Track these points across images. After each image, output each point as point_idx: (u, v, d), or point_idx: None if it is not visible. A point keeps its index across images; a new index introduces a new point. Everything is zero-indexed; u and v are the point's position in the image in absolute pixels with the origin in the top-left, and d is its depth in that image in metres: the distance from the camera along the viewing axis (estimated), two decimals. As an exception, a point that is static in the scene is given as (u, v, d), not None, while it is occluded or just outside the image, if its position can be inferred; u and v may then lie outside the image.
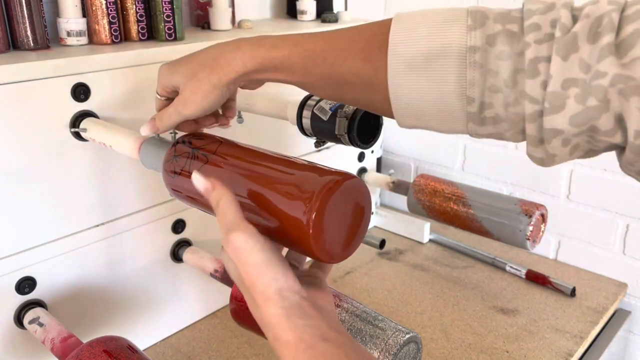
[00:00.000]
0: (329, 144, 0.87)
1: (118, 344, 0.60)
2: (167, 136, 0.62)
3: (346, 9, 1.29)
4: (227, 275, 0.79)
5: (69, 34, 0.77)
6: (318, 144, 0.77)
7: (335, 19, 1.10)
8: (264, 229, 0.46)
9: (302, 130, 0.75)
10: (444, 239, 1.21)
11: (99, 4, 0.77)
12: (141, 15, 0.82)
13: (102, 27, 0.78)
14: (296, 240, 0.44)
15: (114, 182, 0.78)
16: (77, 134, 0.71)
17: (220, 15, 0.96)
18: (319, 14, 1.14)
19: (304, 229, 0.42)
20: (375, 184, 1.19)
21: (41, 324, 0.68)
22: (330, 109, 0.71)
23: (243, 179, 0.48)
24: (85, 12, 0.78)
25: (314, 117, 0.73)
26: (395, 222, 1.25)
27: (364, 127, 0.71)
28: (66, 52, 0.73)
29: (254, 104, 0.83)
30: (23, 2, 0.71)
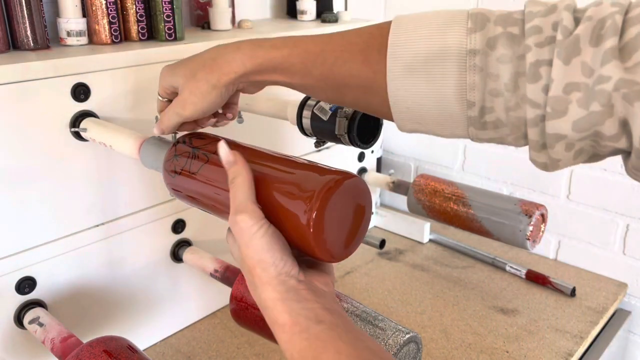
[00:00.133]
0: (329, 144, 0.87)
1: (118, 344, 0.60)
2: (167, 135, 0.62)
3: (346, 9, 1.29)
4: (227, 275, 0.79)
5: (69, 34, 0.77)
6: (318, 144, 0.77)
7: (335, 19, 1.10)
8: None
9: (302, 130, 0.75)
10: (444, 239, 1.21)
11: (99, 4, 0.77)
12: (141, 15, 0.82)
13: (102, 27, 0.78)
14: (297, 239, 0.44)
15: (114, 182, 0.78)
16: (77, 134, 0.71)
17: (220, 15, 0.96)
18: (319, 14, 1.14)
19: (304, 228, 0.42)
20: (375, 184, 1.19)
21: (41, 324, 0.68)
22: (330, 109, 0.71)
23: None
24: (85, 12, 0.78)
25: (314, 117, 0.73)
26: (395, 222, 1.25)
27: (364, 127, 0.71)
28: (66, 52, 0.73)
29: (254, 104, 0.83)
30: (23, 2, 0.71)
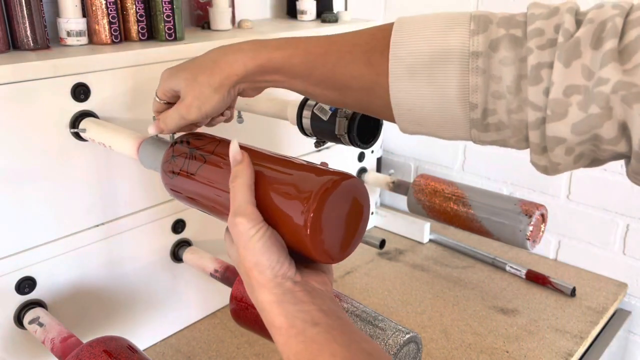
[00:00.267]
0: (329, 144, 0.87)
1: (118, 344, 0.60)
2: (166, 136, 0.62)
3: (346, 9, 1.29)
4: (227, 275, 0.79)
5: (69, 34, 0.77)
6: (318, 144, 0.77)
7: (335, 19, 1.10)
8: None
9: (302, 130, 0.75)
10: (444, 239, 1.21)
11: (99, 4, 0.77)
12: (141, 15, 0.82)
13: (102, 27, 0.78)
14: (294, 240, 0.44)
15: (114, 182, 0.78)
16: (77, 134, 0.71)
17: (220, 15, 0.96)
18: (319, 14, 1.14)
19: (301, 229, 0.42)
20: (375, 184, 1.19)
21: (41, 324, 0.68)
22: (330, 109, 0.71)
23: None
24: (85, 12, 0.78)
25: (314, 117, 0.73)
26: (395, 222, 1.25)
27: (364, 127, 0.71)
28: (66, 52, 0.73)
29: (254, 104, 0.83)
30: (23, 2, 0.71)
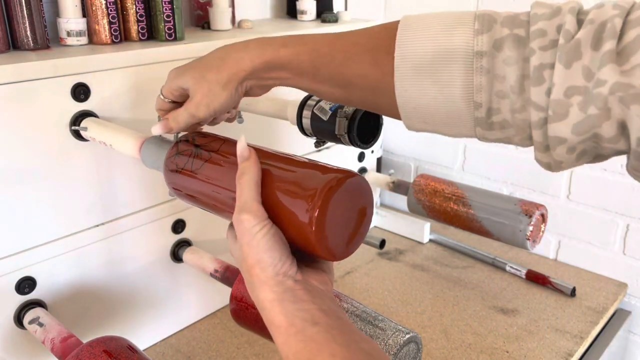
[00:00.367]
0: (329, 144, 0.87)
1: (118, 344, 0.60)
2: (169, 135, 0.62)
3: (346, 9, 1.29)
4: (227, 275, 0.79)
5: (69, 34, 0.77)
6: (318, 144, 0.77)
7: (335, 19, 1.10)
8: None
9: (302, 130, 0.75)
10: (444, 239, 1.21)
11: (99, 4, 0.77)
12: (141, 15, 0.82)
13: (102, 27, 0.78)
14: (298, 237, 0.44)
15: (114, 182, 0.78)
16: (77, 133, 0.71)
17: (220, 15, 0.96)
18: (319, 14, 1.14)
19: (306, 226, 0.42)
20: (375, 184, 1.19)
21: (41, 324, 0.68)
22: (330, 109, 0.71)
23: None
24: (85, 12, 0.78)
25: (314, 117, 0.73)
26: (395, 222, 1.25)
27: (364, 127, 0.71)
28: (66, 52, 0.73)
29: (254, 104, 0.83)
30: (23, 2, 0.71)
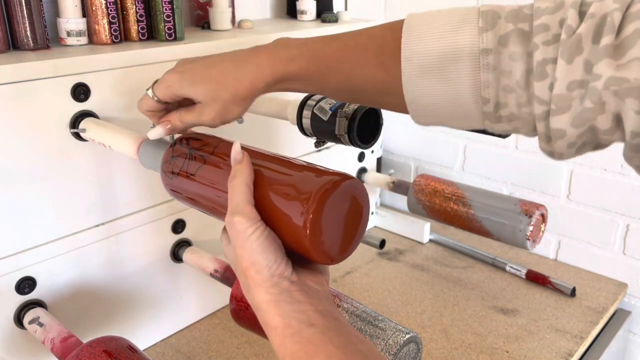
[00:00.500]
0: (329, 144, 0.87)
1: (118, 344, 0.60)
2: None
3: (346, 9, 1.29)
4: (227, 275, 0.79)
5: (69, 34, 0.77)
6: (318, 144, 0.77)
7: (335, 19, 1.10)
8: None
9: (302, 130, 0.75)
10: (444, 239, 1.21)
11: (99, 4, 0.77)
12: (141, 15, 0.82)
13: (102, 27, 0.78)
14: (293, 241, 0.43)
15: (114, 182, 0.78)
16: (76, 134, 0.71)
17: (220, 15, 0.96)
18: (319, 14, 1.14)
19: (301, 230, 0.42)
20: (375, 184, 1.19)
21: (41, 324, 0.68)
22: (330, 109, 0.71)
23: None
24: (85, 12, 0.78)
25: (314, 117, 0.73)
26: (395, 222, 1.25)
27: (364, 127, 0.71)
28: (66, 52, 0.73)
29: (254, 104, 0.83)
30: (23, 2, 0.71)
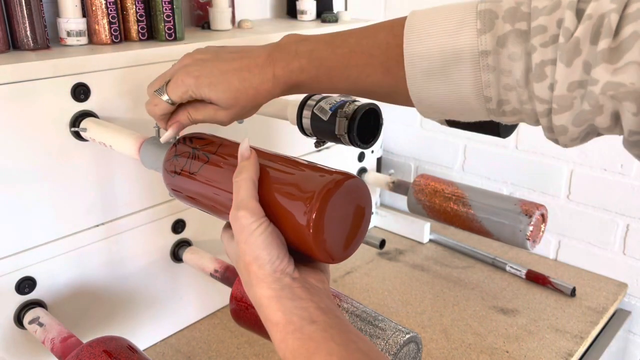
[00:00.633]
0: (329, 144, 0.86)
1: (118, 344, 0.60)
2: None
3: (346, 9, 1.29)
4: (227, 275, 0.79)
5: (69, 34, 0.77)
6: (318, 144, 0.77)
7: (335, 19, 1.10)
8: None
9: (302, 130, 0.75)
10: (444, 239, 1.21)
11: (99, 4, 0.77)
12: (141, 15, 0.82)
13: (102, 27, 0.78)
14: (296, 239, 0.44)
15: (114, 182, 0.78)
16: (77, 134, 0.71)
17: (220, 15, 0.96)
18: (319, 14, 1.14)
19: (304, 229, 0.42)
20: (375, 184, 1.19)
21: (41, 324, 0.68)
22: (330, 109, 0.71)
23: None
24: (85, 12, 0.78)
25: (314, 117, 0.72)
26: (395, 222, 1.25)
27: (364, 127, 0.70)
28: (66, 52, 0.73)
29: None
30: (23, 2, 0.71)
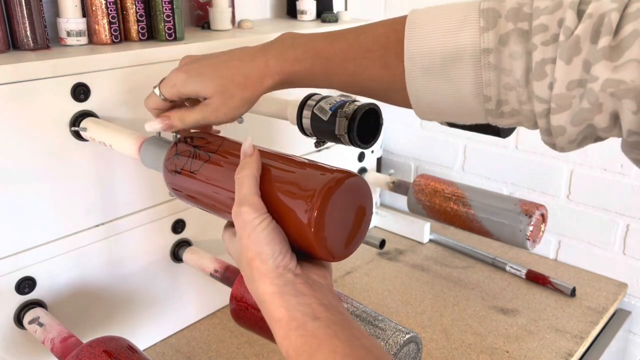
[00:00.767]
0: (329, 144, 0.86)
1: (118, 344, 0.60)
2: (168, 136, 0.62)
3: (346, 9, 1.29)
4: (227, 275, 0.79)
5: (69, 34, 0.77)
6: (318, 144, 0.77)
7: (335, 19, 1.10)
8: None
9: (302, 130, 0.75)
10: (444, 239, 1.21)
11: (99, 4, 0.77)
12: (141, 15, 0.82)
13: (102, 27, 0.78)
14: (298, 237, 0.44)
15: (114, 182, 0.78)
16: (77, 133, 0.71)
17: (220, 15, 0.96)
18: (319, 14, 1.14)
19: (305, 227, 0.42)
20: (375, 184, 1.19)
21: (41, 324, 0.68)
22: (330, 109, 0.71)
23: None
24: (85, 12, 0.78)
25: (314, 117, 0.72)
26: (395, 222, 1.25)
27: (364, 127, 0.70)
28: (66, 52, 0.73)
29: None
30: (23, 2, 0.71)
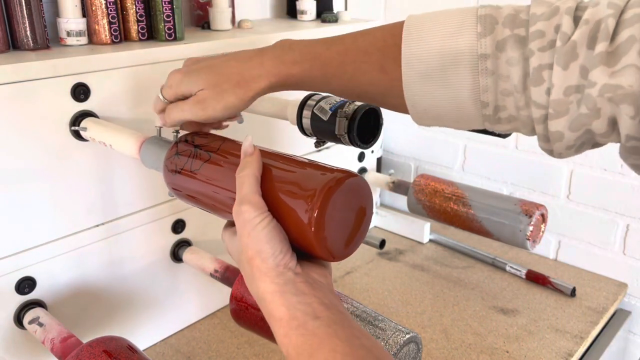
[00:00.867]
0: (329, 144, 0.86)
1: (118, 344, 0.60)
2: (168, 135, 0.62)
3: (346, 9, 1.29)
4: (227, 275, 0.79)
5: (68, 34, 0.77)
6: (318, 144, 0.77)
7: (335, 19, 1.10)
8: None
9: (302, 130, 0.75)
10: (444, 239, 1.21)
11: (98, 4, 0.77)
12: (141, 15, 0.82)
13: (102, 27, 0.78)
14: (298, 237, 0.44)
15: (114, 182, 0.78)
16: (77, 133, 0.71)
17: (220, 15, 0.96)
18: (319, 14, 1.14)
19: (305, 226, 0.42)
20: (375, 184, 1.19)
21: (41, 324, 0.68)
22: (330, 109, 0.71)
23: None
24: (85, 12, 0.78)
25: (314, 117, 0.72)
26: (395, 222, 1.25)
27: (364, 127, 0.70)
28: (66, 52, 0.73)
29: (254, 104, 0.83)
30: (23, 2, 0.71)
